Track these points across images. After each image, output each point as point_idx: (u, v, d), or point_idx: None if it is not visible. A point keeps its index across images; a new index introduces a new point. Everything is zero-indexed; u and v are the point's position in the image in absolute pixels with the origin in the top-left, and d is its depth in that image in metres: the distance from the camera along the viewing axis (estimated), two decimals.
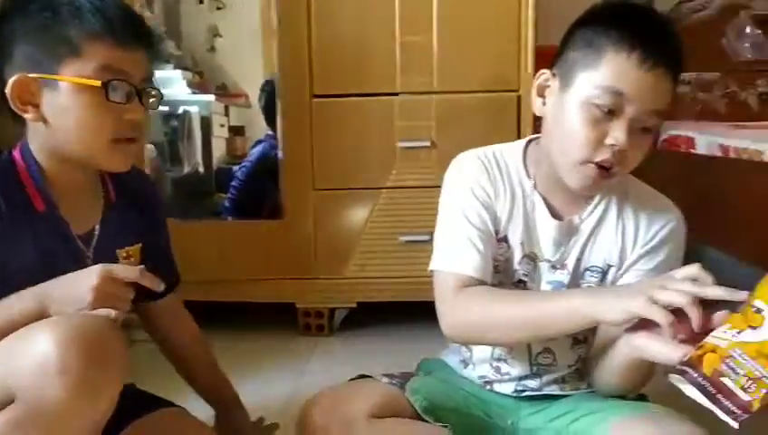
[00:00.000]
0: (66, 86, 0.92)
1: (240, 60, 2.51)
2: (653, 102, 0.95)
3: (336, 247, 2.08)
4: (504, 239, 1.10)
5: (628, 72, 0.94)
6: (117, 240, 1.06)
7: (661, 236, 1.07)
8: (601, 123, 0.96)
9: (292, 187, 2.07)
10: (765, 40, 2.56)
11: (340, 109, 2.03)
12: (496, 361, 1.15)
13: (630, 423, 0.98)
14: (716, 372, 0.71)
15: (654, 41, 0.94)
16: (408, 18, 1.98)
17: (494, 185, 1.10)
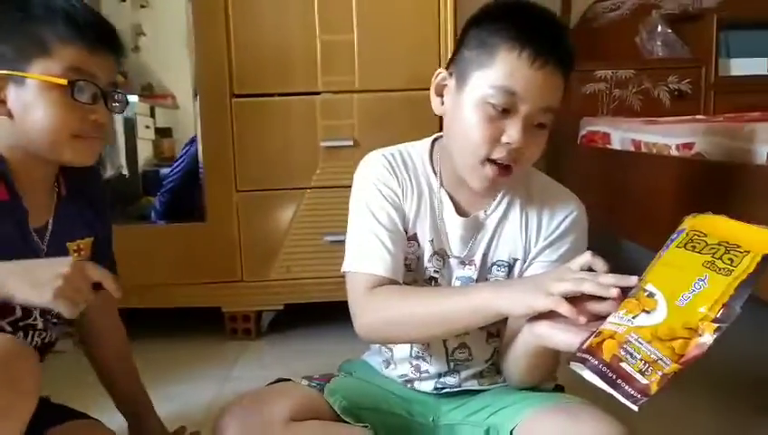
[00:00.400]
0: (33, 83, 0.96)
1: (166, 60, 2.45)
2: (545, 100, 0.97)
3: (261, 249, 2.05)
4: (414, 237, 1.11)
5: (519, 71, 0.95)
6: (68, 234, 1.08)
7: (563, 228, 1.09)
8: (496, 122, 0.97)
9: (215, 188, 2.03)
10: (676, 38, 2.66)
11: (261, 108, 2.00)
12: (415, 359, 1.16)
13: (543, 415, 1.00)
14: (615, 358, 0.72)
15: (543, 39, 0.96)
16: (328, 17, 1.97)
17: (401, 184, 1.11)
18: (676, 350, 0.70)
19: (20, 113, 0.98)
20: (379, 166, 1.12)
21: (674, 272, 0.77)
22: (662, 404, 1.56)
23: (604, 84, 2.57)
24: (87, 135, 1.01)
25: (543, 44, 0.95)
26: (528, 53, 0.95)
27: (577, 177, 2.35)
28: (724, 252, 0.75)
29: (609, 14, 2.71)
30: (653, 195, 1.62)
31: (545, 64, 0.95)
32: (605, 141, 2.12)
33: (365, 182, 1.12)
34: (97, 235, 1.15)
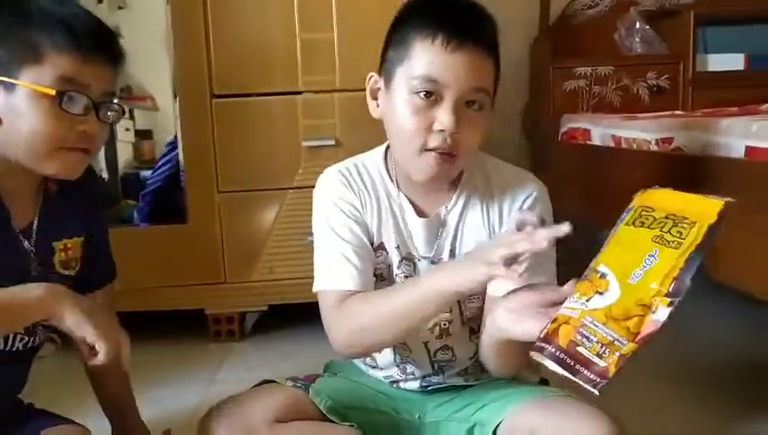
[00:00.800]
0: (23, 91, 0.94)
1: (145, 61, 2.42)
2: (470, 81, 0.97)
3: (244, 250, 2.04)
4: (381, 246, 1.11)
5: (436, 58, 0.96)
6: (55, 233, 1.06)
7: (525, 208, 1.08)
8: (426, 111, 0.98)
9: (196, 190, 2.02)
10: (654, 35, 2.69)
11: (242, 109, 1.99)
12: (400, 364, 1.16)
13: (528, 410, 1.01)
14: (572, 343, 0.71)
15: (456, 22, 0.96)
16: (307, 16, 1.97)
17: (359, 196, 1.11)
18: (632, 329, 0.70)
19: (8, 119, 0.95)
20: (336, 183, 1.12)
21: (624, 250, 0.75)
22: (650, 399, 1.58)
23: (584, 81, 2.58)
24: (73, 146, 0.97)
25: (456, 27, 0.96)
26: (441, 38, 0.96)
27: (559, 173, 2.37)
28: (672, 225, 0.74)
29: (587, 11, 2.72)
30: (633, 189, 1.63)
31: (460, 46, 0.95)
32: (586, 138, 2.14)
33: (324, 201, 1.12)
34: (91, 234, 1.13)
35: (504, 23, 3.01)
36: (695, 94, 2.59)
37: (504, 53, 3.03)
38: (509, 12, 2.76)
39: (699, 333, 2.05)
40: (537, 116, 2.67)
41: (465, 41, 0.95)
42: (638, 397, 1.60)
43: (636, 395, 1.61)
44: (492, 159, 1.14)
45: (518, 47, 2.78)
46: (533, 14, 2.72)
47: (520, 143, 2.84)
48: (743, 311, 2.17)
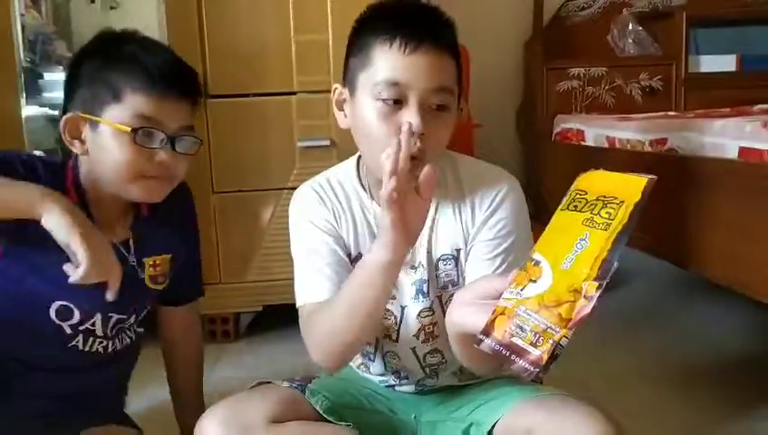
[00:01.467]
0: (105, 128, 1.05)
1: None
2: (432, 81, 0.96)
3: (238, 250, 2.04)
4: (359, 257, 1.11)
5: (395, 61, 0.96)
6: (145, 251, 1.17)
7: (494, 205, 1.07)
8: (392, 115, 0.97)
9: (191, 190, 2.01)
10: (646, 36, 2.71)
11: (237, 109, 1.99)
12: (393, 372, 1.16)
13: (523, 409, 1.01)
14: (507, 334, 0.70)
15: (411, 23, 0.96)
16: (302, 17, 1.97)
17: (332, 211, 1.10)
18: (564, 315, 0.68)
19: (94, 153, 1.07)
20: (309, 200, 1.12)
21: (558, 236, 0.74)
22: (647, 399, 1.59)
23: (577, 82, 2.60)
24: (152, 175, 1.07)
25: (412, 29, 0.96)
26: (398, 41, 0.96)
27: (552, 173, 2.38)
28: (601, 206, 0.73)
29: (580, 12, 2.74)
30: None
31: (418, 47, 0.95)
32: (579, 138, 2.15)
33: (298, 220, 1.13)
34: (180, 253, 1.23)
35: (497, 23, 3.04)
36: (687, 95, 2.62)
37: (498, 54, 3.06)
38: (502, 13, 2.79)
39: (696, 334, 2.07)
40: (531, 116, 2.69)
41: (422, 42, 0.95)
42: (634, 397, 1.61)
43: (632, 395, 1.62)
44: (462, 158, 1.13)
45: (512, 48, 2.80)
46: (527, 15, 2.73)
47: (513, 143, 2.85)
48: (739, 311, 2.19)
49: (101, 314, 1.12)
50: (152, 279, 1.19)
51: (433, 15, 1.01)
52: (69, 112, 1.07)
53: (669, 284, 2.58)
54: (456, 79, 1.01)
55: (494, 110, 2.74)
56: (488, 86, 2.68)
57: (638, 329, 2.14)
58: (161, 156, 1.06)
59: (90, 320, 1.12)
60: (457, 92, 1.02)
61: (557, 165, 2.36)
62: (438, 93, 0.97)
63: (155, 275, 1.19)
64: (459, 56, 1.02)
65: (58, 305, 1.09)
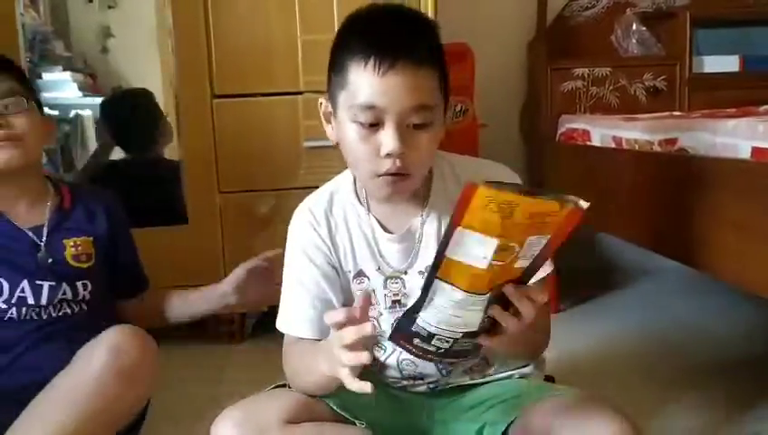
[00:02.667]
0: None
1: (136, 60, 2.41)
2: (409, 100, 0.93)
3: (244, 251, 2.02)
4: (360, 274, 1.10)
5: (370, 83, 0.93)
6: (64, 233, 1.31)
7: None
8: (371, 137, 0.95)
9: (196, 190, 2.02)
10: (650, 36, 2.71)
11: (243, 109, 1.99)
12: (410, 377, 1.16)
13: (541, 408, 1.00)
14: None
15: (384, 43, 0.93)
16: (308, 17, 1.97)
17: (328, 234, 1.10)
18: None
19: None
20: (305, 226, 1.11)
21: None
22: (651, 398, 1.58)
23: (581, 82, 2.60)
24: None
25: (385, 48, 0.92)
26: (372, 63, 0.92)
27: (556, 174, 2.38)
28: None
29: (584, 12, 2.74)
30: (635, 190, 1.65)
31: (391, 67, 0.92)
32: (585, 138, 2.15)
33: (293, 245, 1.13)
34: (94, 237, 1.35)
35: (500, 23, 3.04)
36: (691, 95, 2.62)
37: (501, 54, 3.05)
38: (505, 12, 2.78)
39: (704, 334, 2.07)
40: (534, 117, 2.68)
41: (396, 61, 0.92)
42: (641, 397, 1.61)
43: (639, 395, 1.62)
44: (458, 159, 1.13)
45: (515, 48, 2.79)
46: (530, 15, 2.72)
47: (517, 144, 2.85)
48: (749, 311, 2.19)
49: (28, 281, 1.23)
50: (75, 258, 1.30)
51: (409, 26, 0.98)
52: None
53: (678, 283, 2.59)
54: (441, 88, 0.98)
55: (497, 110, 2.73)
56: (492, 86, 2.67)
57: (645, 328, 2.14)
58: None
59: (18, 288, 1.22)
60: (443, 101, 0.99)
61: (561, 165, 2.36)
62: (417, 112, 0.94)
63: (77, 254, 1.30)
64: (443, 61, 0.99)
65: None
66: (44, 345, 1.22)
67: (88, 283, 1.30)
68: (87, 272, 1.31)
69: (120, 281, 1.42)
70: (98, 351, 1.12)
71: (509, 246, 0.74)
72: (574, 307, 2.35)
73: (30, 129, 1.25)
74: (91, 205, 1.37)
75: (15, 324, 1.22)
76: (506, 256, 0.75)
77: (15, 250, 1.25)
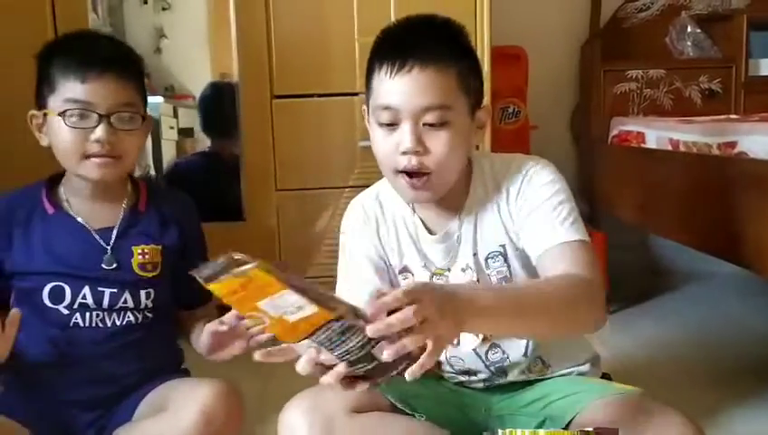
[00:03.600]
0: (50, 118, 1.15)
1: (186, 61, 2.47)
2: (421, 101, 0.98)
3: (299, 247, 2.08)
4: (406, 269, 1.15)
5: (386, 86, 1.00)
6: (134, 239, 1.24)
7: (523, 189, 1.08)
8: (391, 136, 1.01)
9: (254, 188, 2.07)
10: (705, 38, 2.67)
11: (301, 109, 2.04)
12: (463, 371, 1.19)
13: (605, 406, 1.01)
14: None
15: (397, 47, 1.00)
16: (366, 18, 2.00)
17: (377, 230, 1.16)
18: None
19: (52, 143, 1.17)
20: (356, 220, 1.18)
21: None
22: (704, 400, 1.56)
23: (635, 84, 2.58)
24: (94, 154, 1.14)
25: (397, 52, 0.99)
26: (385, 66, 0.99)
27: (609, 175, 2.37)
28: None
29: (639, 14, 2.72)
30: (692, 193, 1.64)
31: (401, 70, 0.98)
32: (639, 141, 2.14)
33: (346, 239, 1.19)
34: (164, 245, 1.26)
35: (553, 26, 3.03)
36: (746, 98, 2.58)
37: (553, 57, 3.05)
38: (559, 15, 2.78)
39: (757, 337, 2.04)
40: (586, 118, 2.68)
41: (405, 64, 0.98)
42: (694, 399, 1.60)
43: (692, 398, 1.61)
44: (497, 157, 1.15)
45: (567, 50, 2.79)
46: (583, 17, 2.72)
47: (567, 145, 2.85)
48: None
49: (90, 286, 1.19)
50: (141, 266, 1.23)
51: (424, 30, 1.03)
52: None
53: (731, 287, 2.55)
54: (461, 87, 1.01)
55: (548, 111, 2.73)
56: (543, 88, 2.67)
57: (699, 331, 2.12)
58: (97, 134, 1.13)
59: (80, 294, 1.19)
60: (465, 100, 1.02)
61: (613, 167, 2.35)
62: (430, 112, 0.99)
63: (144, 263, 1.23)
64: (466, 61, 1.03)
65: (50, 287, 1.18)
66: (114, 356, 1.21)
67: (152, 292, 1.24)
68: (151, 281, 1.24)
69: (182, 293, 1.30)
70: (189, 409, 1.10)
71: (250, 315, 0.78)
72: (626, 309, 2.34)
73: (134, 148, 1.20)
74: (165, 210, 1.29)
75: (84, 333, 1.19)
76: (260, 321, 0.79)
77: (81, 253, 1.20)
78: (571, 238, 1.02)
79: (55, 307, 1.18)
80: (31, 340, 1.19)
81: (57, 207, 1.22)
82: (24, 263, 1.20)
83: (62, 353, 1.19)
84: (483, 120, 1.08)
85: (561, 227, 1.03)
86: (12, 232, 1.20)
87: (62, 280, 1.18)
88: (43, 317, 1.18)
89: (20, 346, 1.20)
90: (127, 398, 1.21)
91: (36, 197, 1.23)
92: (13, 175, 1.33)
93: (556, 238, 1.02)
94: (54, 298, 1.18)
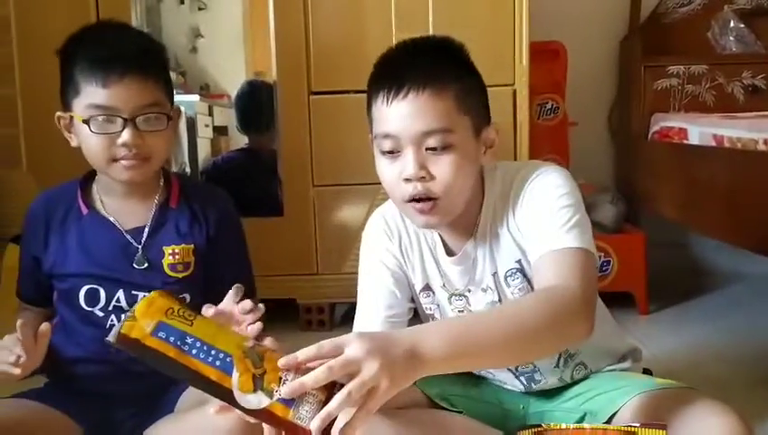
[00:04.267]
0: (75, 120, 1.13)
1: (221, 60, 2.51)
2: (416, 127, 0.96)
3: (336, 242, 2.09)
4: (427, 287, 1.14)
5: (383, 114, 0.98)
6: (165, 239, 1.21)
7: (526, 195, 1.04)
8: (394, 164, 0.99)
9: (292, 183, 2.09)
10: (749, 33, 2.61)
11: (338, 105, 2.04)
12: (498, 379, 1.19)
13: (648, 400, 0.99)
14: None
15: (391, 75, 0.99)
16: (403, 14, 2.00)
17: (399, 244, 1.13)
18: None
19: (81, 145, 1.15)
20: (378, 232, 1.15)
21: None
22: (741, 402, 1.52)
23: (676, 80, 2.54)
24: (121, 158, 1.13)
25: (392, 78, 0.97)
26: (382, 94, 0.98)
27: (649, 173, 2.34)
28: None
29: (680, 8, 2.67)
30: (738, 191, 1.60)
31: (397, 95, 0.96)
32: (682, 137, 2.10)
33: (367, 251, 1.16)
34: (196, 244, 1.23)
35: (592, 21, 3.01)
36: None
37: (592, 52, 3.01)
38: (598, 9, 2.75)
39: None
40: (625, 115, 2.64)
41: (399, 91, 0.96)
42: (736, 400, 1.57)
43: (734, 399, 1.58)
44: (510, 167, 1.11)
45: (606, 46, 2.76)
46: (623, 11, 2.69)
47: (605, 141, 2.81)
48: None
49: (124, 290, 1.18)
50: (171, 267, 1.20)
51: (420, 53, 1.02)
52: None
53: None
54: (460, 108, 0.98)
55: (586, 107, 2.70)
56: (581, 84, 2.64)
57: (741, 332, 2.08)
58: (123, 138, 1.10)
59: (114, 298, 1.18)
60: (466, 120, 0.99)
61: (654, 163, 2.31)
62: (431, 136, 0.96)
63: (174, 264, 1.20)
64: (466, 79, 1.01)
65: (85, 290, 1.18)
66: None
67: (187, 296, 1.19)
68: (182, 282, 1.21)
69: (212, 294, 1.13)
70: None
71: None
72: (666, 309, 2.30)
73: (162, 147, 1.17)
74: (198, 207, 1.25)
75: None
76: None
77: (113, 254, 1.19)
78: (566, 245, 0.97)
79: (91, 309, 1.19)
80: (71, 337, 1.21)
81: (90, 207, 1.22)
82: (60, 264, 1.20)
83: (100, 352, 1.18)
84: (491, 138, 1.04)
85: (557, 232, 0.98)
86: (48, 233, 1.21)
87: (96, 283, 1.18)
88: (80, 317, 1.20)
89: (61, 343, 1.22)
90: (167, 393, 1.21)
91: (72, 196, 1.23)
92: (56, 169, 1.35)
93: (549, 245, 0.97)
94: (90, 301, 1.19)
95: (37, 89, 1.99)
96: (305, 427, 0.72)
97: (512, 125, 2.01)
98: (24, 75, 2.04)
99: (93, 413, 1.18)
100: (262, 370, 0.74)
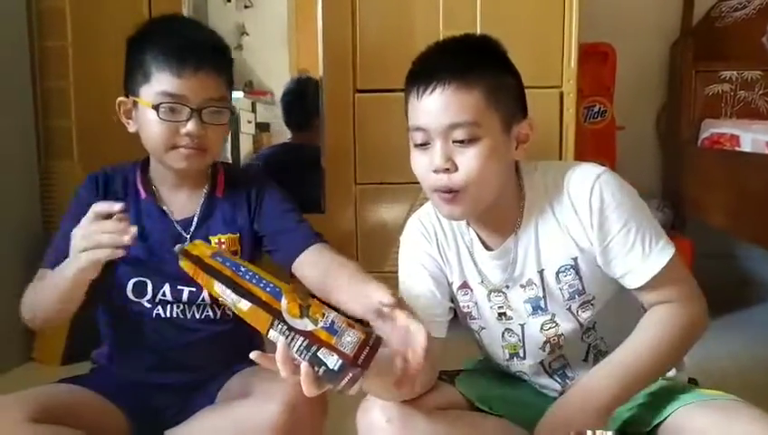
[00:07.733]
0: (141, 106, 1.16)
1: (266, 58, 2.53)
2: (444, 119, 0.99)
3: (377, 241, 2.09)
4: (465, 285, 1.14)
5: (415, 107, 1.03)
6: (212, 229, 1.24)
7: (597, 206, 1.04)
8: (425, 155, 1.03)
9: (335, 181, 2.10)
10: None
11: (382, 104, 2.04)
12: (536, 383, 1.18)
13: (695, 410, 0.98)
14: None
15: (419, 70, 1.04)
16: (451, 13, 1.99)
17: (437, 244, 1.15)
18: None
19: (140, 130, 1.18)
20: (416, 234, 1.17)
21: None
22: None
23: (728, 85, 2.48)
24: (182, 146, 1.16)
25: (424, 75, 1.01)
26: (414, 89, 1.03)
27: (697, 179, 2.29)
28: None
29: (734, 13, 2.61)
30: None
31: (425, 90, 1.00)
32: (733, 144, 2.06)
33: (406, 254, 1.18)
34: (242, 232, 1.26)
35: (643, 23, 2.96)
36: None
37: (641, 55, 2.96)
38: (650, 12, 2.70)
39: None
40: (674, 120, 2.59)
41: (430, 85, 1.00)
42: None
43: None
44: (550, 167, 1.11)
45: (657, 49, 2.71)
46: (675, 15, 2.64)
47: (653, 147, 2.76)
48: None
49: (169, 284, 1.20)
50: None
51: (453, 50, 1.05)
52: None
53: None
54: (491, 103, 1.00)
55: (634, 111, 2.66)
56: (630, 87, 2.60)
57: None
58: (188, 128, 1.14)
59: (160, 291, 1.21)
60: (496, 115, 1.01)
61: (703, 171, 2.26)
62: (457, 129, 0.99)
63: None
64: (496, 76, 1.02)
65: (133, 283, 1.21)
66: (195, 347, 1.23)
67: None
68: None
69: (287, 244, 1.25)
70: (275, 397, 1.07)
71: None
72: (712, 320, 2.24)
73: (220, 141, 1.22)
74: (238, 193, 1.28)
75: (166, 324, 1.22)
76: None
77: (163, 242, 1.21)
78: (658, 268, 1.02)
79: (138, 301, 1.21)
80: (118, 326, 1.24)
81: (148, 193, 1.25)
82: None
83: (145, 341, 1.23)
84: (524, 133, 1.05)
85: (643, 258, 1.02)
86: None
87: (144, 275, 1.21)
88: (128, 307, 1.22)
89: (108, 330, 1.27)
90: (209, 383, 1.23)
91: (131, 177, 1.26)
92: (106, 161, 1.36)
93: (643, 275, 1.02)
94: (137, 293, 1.21)
95: (90, 82, 2.04)
96: (348, 353, 0.79)
97: (557, 128, 1.98)
98: (78, 68, 2.08)
99: (136, 401, 1.21)
100: (307, 303, 0.83)
